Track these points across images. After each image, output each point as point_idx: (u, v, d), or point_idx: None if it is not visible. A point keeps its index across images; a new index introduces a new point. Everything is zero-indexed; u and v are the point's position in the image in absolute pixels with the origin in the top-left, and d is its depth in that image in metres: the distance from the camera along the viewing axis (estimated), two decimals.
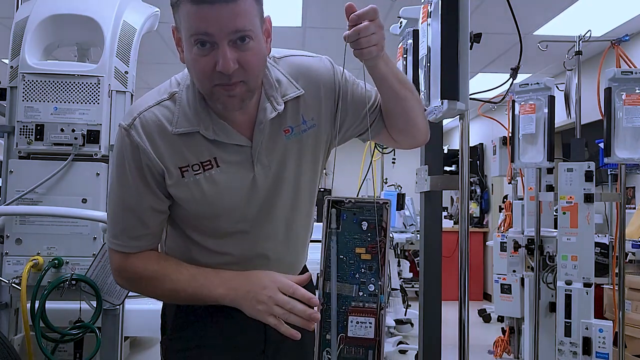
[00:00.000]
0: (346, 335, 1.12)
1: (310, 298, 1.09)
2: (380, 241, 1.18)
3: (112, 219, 1.17)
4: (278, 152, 1.17)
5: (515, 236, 3.26)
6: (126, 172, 1.11)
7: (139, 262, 1.16)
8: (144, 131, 1.10)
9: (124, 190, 1.13)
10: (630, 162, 2.54)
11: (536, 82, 2.78)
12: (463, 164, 1.41)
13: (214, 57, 1.01)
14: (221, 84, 1.03)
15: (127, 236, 1.15)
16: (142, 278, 1.16)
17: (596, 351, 2.40)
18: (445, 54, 1.33)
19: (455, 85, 1.32)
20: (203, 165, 1.12)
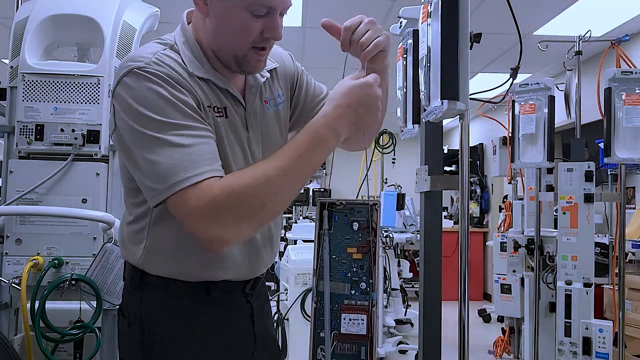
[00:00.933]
0: (339, 332, 1.15)
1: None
2: (370, 241, 1.21)
3: (179, 151, 0.98)
4: (262, 119, 1.21)
5: (515, 236, 3.26)
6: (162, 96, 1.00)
7: (228, 178, 0.99)
8: (164, 64, 1.04)
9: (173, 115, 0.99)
10: (630, 162, 2.54)
11: (536, 82, 2.78)
12: (463, 164, 1.41)
13: (264, 24, 1.08)
14: (260, 47, 1.10)
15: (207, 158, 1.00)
16: (245, 186, 0.97)
17: (596, 351, 2.40)
18: (445, 54, 1.33)
19: (455, 85, 1.32)
20: (219, 111, 1.11)
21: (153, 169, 0.98)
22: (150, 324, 1.13)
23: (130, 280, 1.18)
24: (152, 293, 1.14)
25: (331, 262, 1.20)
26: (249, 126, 1.17)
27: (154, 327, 1.13)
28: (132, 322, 1.15)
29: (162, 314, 1.13)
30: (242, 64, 1.11)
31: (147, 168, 0.99)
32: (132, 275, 1.17)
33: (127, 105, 1.01)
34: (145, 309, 1.14)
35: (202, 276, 1.13)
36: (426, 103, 1.44)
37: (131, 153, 1.02)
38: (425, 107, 1.45)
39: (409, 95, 1.72)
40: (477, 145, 7.54)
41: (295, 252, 3.16)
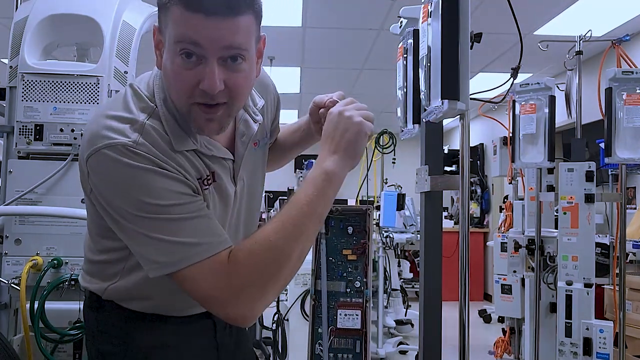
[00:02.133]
0: (336, 327, 1.17)
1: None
2: (365, 243, 1.25)
3: (183, 230, 0.91)
4: (250, 165, 1.14)
5: (515, 236, 3.26)
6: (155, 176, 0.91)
7: (241, 247, 0.93)
8: (150, 142, 0.93)
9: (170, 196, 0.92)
10: (631, 162, 2.54)
11: (537, 82, 2.78)
12: (463, 164, 1.41)
13: (199, 73, 0.91)
14: (202, 103, 0.94)
15: (214, 233, 0.94)
16: (263, 249, 0.91)
17: (597, 352, 2.40)
18: (445, 54, 1.33)
19: (456, 85, 1.32)
20: (207, 180, 1.03)
21: (151, 245, 0.91)
22: (106, 343, 1.10)
23: (87, 298, 1.14)
24: (109, 316, 1.10)
25: (328, 263, 1.23)
26: (237, 179, 1.10)
27: (110, 347, 1.09)
28: (89, 338, 1.14)
29: (118, 335, 1.09)
30: (190, 122, 0.98)
31: (144, 244, 0.92)
32: (89, 295, 1.13)
33: (112, 183, 0.92)
34: (102, 328, 1.11)
35: (175, 313, 1.10)
36: (426, 103, 1.44)
37: (117, 225, 0.95)
38: (426, 107, 1.45)
39: (409, 95, 1.72)
40: (477, 145, 7.54)
41: None
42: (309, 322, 1.19)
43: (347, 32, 4.53)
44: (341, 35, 4.61)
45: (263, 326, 3.46)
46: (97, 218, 1.03)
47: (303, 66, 5.58)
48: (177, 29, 0.89)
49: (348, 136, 1.01)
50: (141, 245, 0.93)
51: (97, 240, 1.08)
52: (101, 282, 1.08)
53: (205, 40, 0.88)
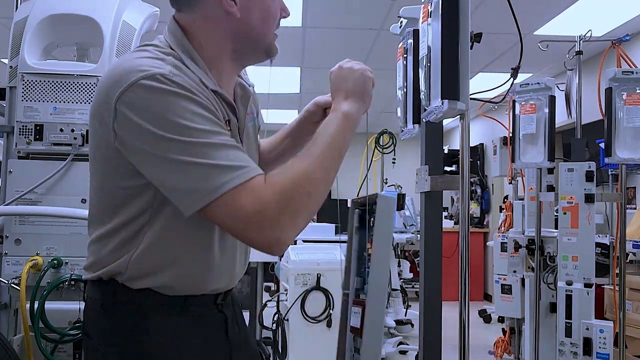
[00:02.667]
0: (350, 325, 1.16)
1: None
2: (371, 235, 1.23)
3: (222, 155, 0.92)
4: (247, 131, 1.18)
5: (515, 236, 3.26)
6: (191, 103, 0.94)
7: (275, 172, 0.97)
8: (183, 73, 0.98)
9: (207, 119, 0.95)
10: (631, 162, 2.54)
11: (537, 82, 2.78)
12: (463, 164, 1.40)
13: (279, 3, 1.14)
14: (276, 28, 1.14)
15: (249, 160, 0.96)
16: (291, 181, 0.95)
17: (597, 352, 2.40)
18: (445, 54, 1.33)
19: (456, 85, 1.32)
20: (227, 124, 1.06)
21: (190, 172, 0.91)
22: (124, 344, 1.05)
23: (100, 298, 1.08)
24: (122, 310, 1.05)
25: (359, 258, 1.22)
26: (242, 137, 1.14)
27: (124, 350, 1.05)
28: (99, 340, 1.08)
29: (134, 334, 1.05)
30: (271, 50, 1.14)
31: (182, 172, 0.91)
32: (103, 294, 1.07)
33: (150, 111, 0.92)
34: (118, 329, 1.06)
35: (196, 288, 1.08)
36: (426, 103, 1.44)
37: (154, 160, 0.93)
38: (426, 107, 1.45)
39: (409, 95, 1.72)
40: (477, 145, 7.54)
41: (295, 253, 3.16)
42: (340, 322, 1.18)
43: (347, 32, 4.53)
44: (341, 35, 4.61)
45: (263, 326, 3.46)
46: (115, 180, 1.01)
47: (303, 66, 5.58)
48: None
49: (355, 82, 1.12)
50: (179, 175, 0.92)
51: (113, 210, 1.04)
52: (119, 258, 1.03)
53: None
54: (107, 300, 1.07)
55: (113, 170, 1.01)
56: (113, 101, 0.95)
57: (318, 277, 3.02)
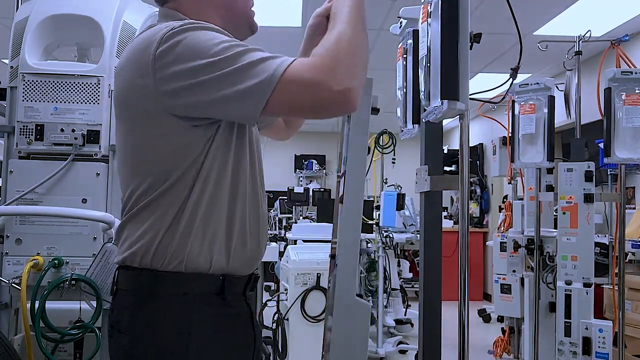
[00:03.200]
0: None
1: None
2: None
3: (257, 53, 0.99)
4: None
5: (515, 236, 3.27)
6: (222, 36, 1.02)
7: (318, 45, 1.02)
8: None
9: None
10: (630, 162, 2.54)
11: (536, 82, 2.78)
12: (463, 164, 1.41)
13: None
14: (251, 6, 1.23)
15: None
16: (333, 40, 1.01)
17: (596, 351, 2.40)
18: (444, 54, 1.33)
19: (455, 85, 1.32)
20: None
21: (244, 74, 0.97)
22: (167, 341, 1.03)
23: (137, 290, 1.07)
24: (168, 304, 1.05)
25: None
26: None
27: (173, 345, 1.03)
28: (136, 339, 1.05)
29: (182, 328, 1.04)
30: (253, 24, 1.23)
31: (238, 77, 0.97)
32: (137, 286, 1.07)
33: (188, 48, 0.99)
34: (159, 325, 1.04)
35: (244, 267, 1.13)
36: (426, 103, 1.45)
37: (208, 85, 0.98)
38: (425, 107, 1.45)
39: (409, 95, 1.72)
40: (477, 145, 7.54)
41: (295, 252, 3.16)
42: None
43: None
44: None
45: (263, 326, 3.46)
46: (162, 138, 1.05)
47: None
48: None
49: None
50: (236, 82, 0.97)
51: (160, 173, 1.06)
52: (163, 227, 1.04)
53: None
54: (143, 292, 1.06)
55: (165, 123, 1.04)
56: (150, 61, 1.01)
57: (318, 276, 3.02)
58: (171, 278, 1.04)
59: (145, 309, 1.05)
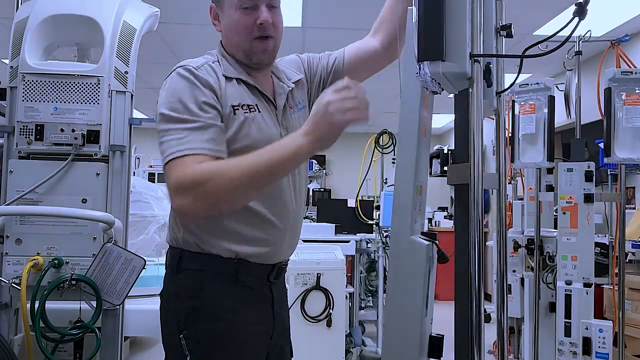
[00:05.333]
0: None
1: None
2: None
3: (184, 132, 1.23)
4: (288, 121, 1.43)
5: (515, 236, 3.26)
6: (196, 88, 1.27)
7: (205, 164, 1.20)
8: (206, 71, 1.32)
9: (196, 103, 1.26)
10: (630, 162, 2.54)
11: (536, 82, 2.78)
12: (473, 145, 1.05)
13: (255, 16, 1.34)
14: (259, 36, 1.34)
15: (212, 139, 1.24)
16: (213, 173, 1.17)
17: (596, 351, 2.40)
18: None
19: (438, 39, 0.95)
20: (249, 108, 1.34)
21: (163, 142, 1.24)
22: (184, 302, 1.32)
23: (169, 266, 1.39)
24: (187, 276, 1.34)
25: None
26: (280, 122, 1.40)
27: (187, 306, 1.32)
28: (168, 300, 1.38)
29: (195, 295, 1.32)
30: (251, 56, 1.38)
31: (161, 140, 1.25)
32: (171, 261, 1.38)
33: (168, 91, 1.30)
34: (180, 291, 1.35)
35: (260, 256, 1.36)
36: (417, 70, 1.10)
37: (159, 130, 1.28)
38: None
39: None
40: None
41: (295, 252, 3.16)
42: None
43: (347, 32, 4.53)
44: (341, 35, 4.61)
45: None
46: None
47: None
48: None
49: (324, 128, 1.16)
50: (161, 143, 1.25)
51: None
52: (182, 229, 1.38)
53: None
54: (173, 267, 1.37)
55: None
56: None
57: (318, 276, 3.02)
58: (190, 257, 1.34)
59: (172, 280, 1.38)
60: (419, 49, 0.98)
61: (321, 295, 3.01)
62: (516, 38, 1.34)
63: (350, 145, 9.72)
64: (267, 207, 1.35)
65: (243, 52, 1.38)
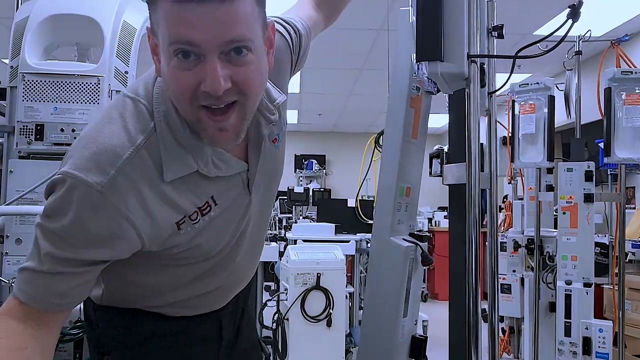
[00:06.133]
0: None
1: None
2: None
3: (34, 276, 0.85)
4: (269, 167, 1.02)
5: (515, 236, 3.27)
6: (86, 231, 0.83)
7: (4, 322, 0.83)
8: (125, 192, 0.82)
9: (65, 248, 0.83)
10: (630, 162, 2.54)
11: (536, 82, 2.78)
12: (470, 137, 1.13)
13: (199, 73, 0.78)
14: (209, 107, 0.81)
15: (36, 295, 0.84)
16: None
17: (596, 351, 2.40)
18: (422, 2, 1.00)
19: (435, 40, 0.96)
20: (201, 211, 0.91)
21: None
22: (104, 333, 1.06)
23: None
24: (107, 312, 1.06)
25: None
26: (252, 188, 0.99)
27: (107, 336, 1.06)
28: (91, 327, 1.10)
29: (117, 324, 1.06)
30: (202, 134, 0.86)
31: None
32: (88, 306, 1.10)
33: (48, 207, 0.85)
34: (100, 322, 1.07)
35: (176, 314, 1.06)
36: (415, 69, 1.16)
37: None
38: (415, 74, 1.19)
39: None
40: None
41: (295, 252, 3.16)
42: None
43: (347, 32, 4.54)
44: (341, 35, 4.62)
45: (263, 326, 3.46)
46: None
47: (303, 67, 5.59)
48: (168, 26, 0.77)
49: None
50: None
51: None
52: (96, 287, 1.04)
53: (202, 36, 0.76)
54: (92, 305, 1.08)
55: None
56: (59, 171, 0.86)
57: (318, 276, 3.02)
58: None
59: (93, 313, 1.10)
60: (417, 49, 0.98)
61: (321, 295, 3.01)
62: (516, 38, 1.34)
63: (350, 145, 9.74)
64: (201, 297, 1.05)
65: (191, 124, 0.87)
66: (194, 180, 0.90)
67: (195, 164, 0.89)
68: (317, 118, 8.31)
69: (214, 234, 0.95)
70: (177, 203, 0.88)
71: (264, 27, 0.86)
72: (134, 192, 0.84)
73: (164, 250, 0.90)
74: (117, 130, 0.85)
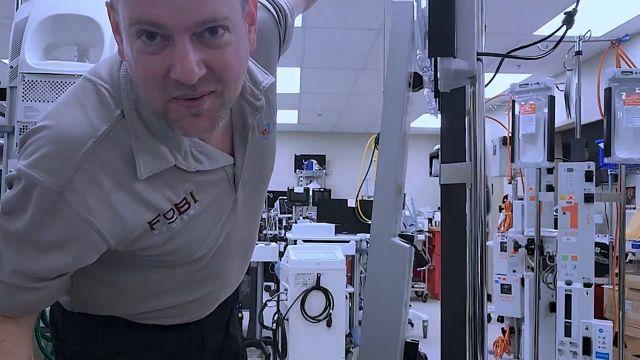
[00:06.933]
0: None
1: None
2: None
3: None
4: (258, 161, 0.91)
5: (515, 236, 3.27)
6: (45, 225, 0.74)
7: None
8: (84, 191, 0.72)
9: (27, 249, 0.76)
10: (631, 162, 2.54)
11: (536, 82, 2.78)
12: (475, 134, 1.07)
13: (168, 57, 0.66)
14: (180, 97, 0.69)
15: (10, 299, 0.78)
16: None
17: (596, 351, 2.40)
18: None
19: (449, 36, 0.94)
20: (178, 209, 0.80)
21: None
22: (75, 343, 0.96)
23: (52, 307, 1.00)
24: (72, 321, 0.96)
25: None
26: (239, 184, 0.88)
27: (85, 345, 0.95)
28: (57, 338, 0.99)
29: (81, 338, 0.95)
30: (172, 124, 0.74)
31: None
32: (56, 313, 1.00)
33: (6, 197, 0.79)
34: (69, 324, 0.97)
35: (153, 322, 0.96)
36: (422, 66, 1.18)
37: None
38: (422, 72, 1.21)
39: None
40: None
41: (295, 252, 3.16)
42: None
43: (347, 32, 4.54)
44: (341, 35, 4.61)
45: (263, 326, 3.47)
46: None
47: (303, 66, 5.58)
48: (127, 3, 0.67)
49: None
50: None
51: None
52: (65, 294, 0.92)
53: (167, 14, 0.64)
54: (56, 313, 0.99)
55: None
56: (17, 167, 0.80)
57: (318, 276, 3.02)
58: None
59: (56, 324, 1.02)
60: (430, 44, 0.96)
61: (321, 295, 3.02)
62: (516, 37, 1.34)
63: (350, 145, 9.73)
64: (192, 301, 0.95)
65: (159, 114, 0.75)
66: (171, 173, 0.78)
67: (172, 157, 0.77)
68: (317, 118, 8.31)
69: (195, 236, 0.84)
70: (148, 200, 0.77)
71: (243, 2, 0.74)
72: (96, 190, 0.73)
73: (135, 250, 0.81)
74: (76, 119, 0.74)
